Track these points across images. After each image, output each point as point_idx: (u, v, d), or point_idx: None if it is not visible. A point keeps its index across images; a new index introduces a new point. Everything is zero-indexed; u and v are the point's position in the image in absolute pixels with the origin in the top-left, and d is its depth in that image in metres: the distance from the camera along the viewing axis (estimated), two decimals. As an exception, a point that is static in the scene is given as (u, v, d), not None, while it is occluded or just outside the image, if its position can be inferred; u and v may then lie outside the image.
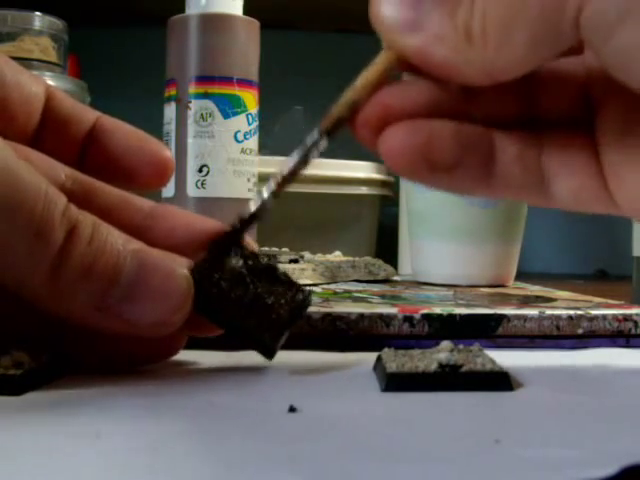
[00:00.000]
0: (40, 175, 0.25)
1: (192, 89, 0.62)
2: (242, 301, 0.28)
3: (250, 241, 0.31)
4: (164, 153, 0.32)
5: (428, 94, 0.27)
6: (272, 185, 0.29)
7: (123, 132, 0.32)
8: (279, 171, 0.29)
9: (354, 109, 0.27)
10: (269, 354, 0.29)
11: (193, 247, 0.29)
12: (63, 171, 0.30)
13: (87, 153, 0.32)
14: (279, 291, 0.29)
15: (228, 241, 0.29)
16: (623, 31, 0.22)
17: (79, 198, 0.29)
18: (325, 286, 0.50)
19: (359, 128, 0.28)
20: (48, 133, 0.31)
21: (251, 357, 0.32)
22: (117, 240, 0.26)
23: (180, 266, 0.27)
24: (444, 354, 0.28)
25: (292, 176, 0.28)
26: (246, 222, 0.29)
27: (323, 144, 0.28)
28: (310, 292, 0.30)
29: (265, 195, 0.29)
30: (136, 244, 0.27)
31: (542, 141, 0.27)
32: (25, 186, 0.24)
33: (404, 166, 0.27)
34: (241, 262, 0.29)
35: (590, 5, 0.22)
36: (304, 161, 0.28)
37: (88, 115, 0.32)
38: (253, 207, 0.29)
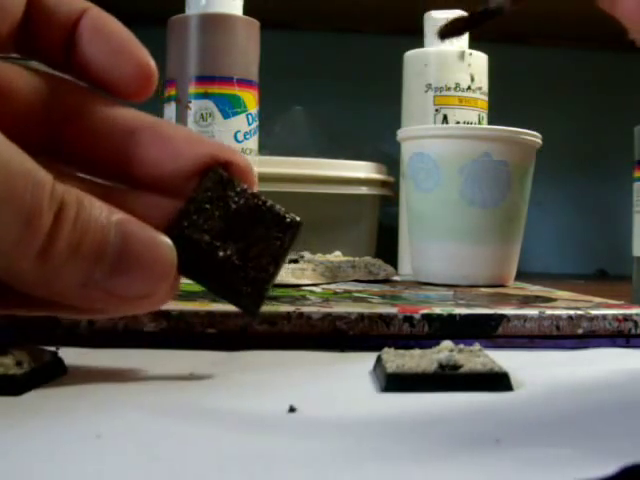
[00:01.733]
0: (24, 153, 0.24)
1: (192, 89, 0.62)
2: (221, 261, 0.28)
3: (248, 175, 0.29)
4: (147, 64, 0.30)
5: None
6: None
7: (109, 30, 0.30)
8: None
9: None
10: (252, 314, 0.28)
11: (181, 178, 0.28)
12: (48, 83, 0.29)
13: (72, 52, 0.30)
14: (262, 235, 0.28)
15: (465, 25, 0.28)
16: None
17: (70, 113, 0.28)
18: (325, 286, 0.50)
19: None
20: (33, 26, 0.29)
21: (251, 357, 0.32)
22: (100, 214, 0.25)
23: (162, 235, 0.27)
24: (444, 354, 0.28)
25: None
26: (479, 16, 0.28)
27: None
28: (299, 223, 0.29)
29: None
30: (119, 214, 0.26)
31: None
32: (11, 169, 0.24)
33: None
34: (222, 210, 0.28)
35: None
36: None
37: (74, 4, 0.29)
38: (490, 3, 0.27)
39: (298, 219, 0.29)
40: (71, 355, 0.30)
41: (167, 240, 0.27)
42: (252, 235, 0.28)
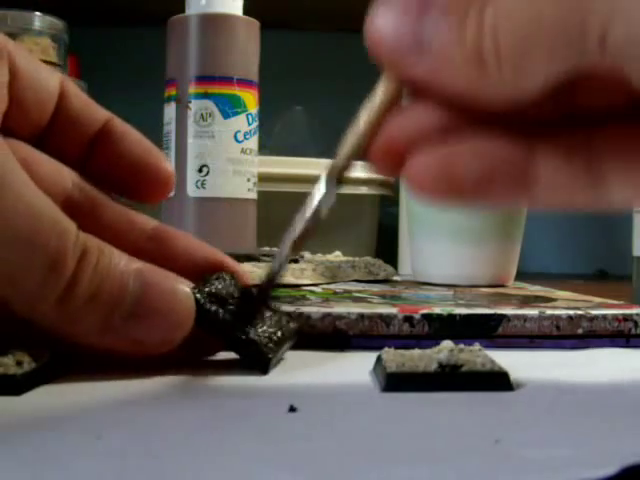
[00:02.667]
0: (51, 202, 0.26)
1: (192, 89, 0.62)
2: (240, 317, 0.29)
3: (245, 275, 0.32)
4: (167, 171, 0.32)
5: (441, 116, 0.24)
6: (288, 247, 0.27)
7: (130, 140, 0.32)
8: (292, 230, 0.26)
9: (361, 152, 0.25)
10: (264, 367, 0.29)
11: (193, 274, 0.30)
12: (71, 178, 0.30)
13: (93, 156, 0.32)
14: (272, 317, 0.31)
15: (253, 306, 0.30)
16: None
17: (86, 211, 0.30)
18: (325, 286, 0.50)
19: (372, 164, 0.25)
20: (57, 130, 0.31)
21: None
22: (120, 261, 0.27)
23: (182, 283, 0.28)
24: (444, 354, 0.28)
25: (306, 235, 0.26)
26: (266, 287, 0.29)
27: (333, 194, 0.26)
28: (299, 326, 0.32)
29: (282, 259, 0.27)
30: (138, 263, 0.27)
31: (590, 137, 0.24)
32: (40, 217, 0.25)
33: (432, 197, 0.24)
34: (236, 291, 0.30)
35: (615, 29, 0.20)
36: (316, 217, 0.26)
37: (98, 115, 0.32)
38: (271, 273, 0.28)
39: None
40: (71, 355, 0.30)
41: (186, 289, 0.28)
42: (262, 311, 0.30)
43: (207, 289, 0.29)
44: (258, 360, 0.29)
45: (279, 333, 0.30)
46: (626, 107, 0.24)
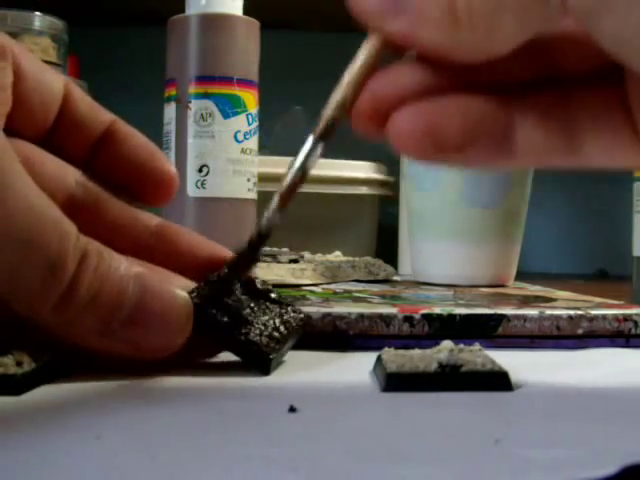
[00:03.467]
0: (52, 203, 0.26)
1: (192, 89, 0.62)
2: (240, 318, 0.29)
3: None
4: (171, 174, 0.32)
5: (424, 74, 0.25)
6: (276, 201, 0.28)
7: (134, 143, 0.32)
8: (281, 185, 0.28)
9: (346, 107, 0.26)
10: (265, 368, 0.29)
11: (195, 271, 0.30)
12: (74, 177, 0.30)
13: (97, 158, 0.32)
14: (275, 311, 0.31)
15: (240, 262, 0.29)
16: (607, 19, 0.21)
17: (89, 209, 0.30)
18: (325, 286, 0.50)
19: (356, 124, 0.26)
20: (62, 132, 0.31)
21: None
22: (120, 265, 0.27)
23: (180, 289, 0.28)
24: (444, 354, 0.28)
25: (294, 188, 0.28)
26: (256, 243, 0.28)
27: (320, 150, 0.27)
28: (305, 316, 0.32)
29: (270, 213, 0.28)
30: (138, 268, 0.27)
31: (566, 100, 0.25)
32: (41, 218, 0.25)
33: (416, 152, 0.25)
34: (238, 286, 0.30)
35: None
36: (303, 171, 0.28)
37: (103, 118, 0.32)
38: (260, 226, 0.28)
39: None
40: (71, 355, 0.30)
41: (184, 295, 0.28)
42: (264, 306, 0.30)
43: (205, 292, 0.29)
44: (259, 361, 0.29)
45: (282, 328, 0.30)
46: (599, 69, 0.25)
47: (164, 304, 0.27)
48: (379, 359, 0.29)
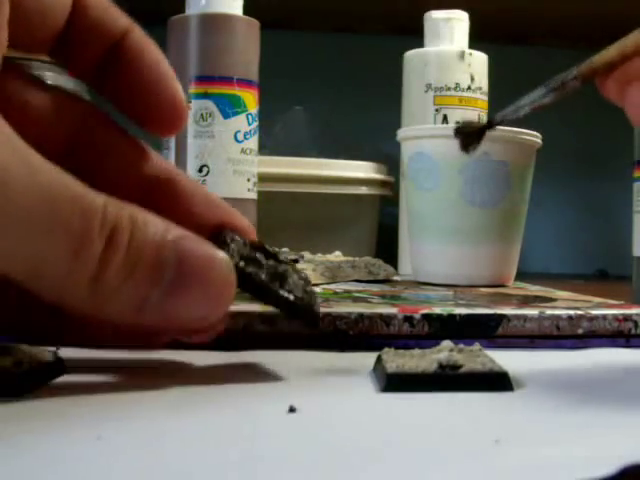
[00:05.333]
0: (67, 175, 0.23)
1: (192, 89, 0.62)
2: (278, 276, 0.29)
3: (251, 229, 0.31)
4: (182, 102, 0.29)
5: None
6: (517, 106, 0.31)
7: (146, 62, 0.28)
8: (525, 97, 0.31)
9: (611, 67, 0.30)
10: (315, 322, 0.29)
11: (204, 229, 0.28)
12: (75, 111, 0.28)
13: (105, 73, 0.29)
14: (292, 269, 0.30)
15: (477, 134, 0.32)
16: None
17: (96, 150, 0.28)
18: (325, 286, 0.50)
19: (609, 83, 0.30)
20: (71, 40, 0.28)
21: (251, 357, 0.32)
22: (155, 234, 0.24)
23: (220, 251, 0.25)
24: (444, 354, 0.28)
25: (534, 103, 0.31)
26: (486, 126, 0.32)
27: (574, 84, 0.31)
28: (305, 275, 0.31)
29: (504, 112, 0.32)
30: (174, 231, 0.25)
31: None
32: (56, 197, 0.22)
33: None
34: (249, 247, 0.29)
35: None
36: (552, 92, 0.31)
37: (118, 23, 0.28)
38: (493, 118, 0.32)
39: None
40: (71, 355, 0.30)
41: (225, 257, 0.25)
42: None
43: (238, 252, 0.28)
44: (309, 316, 0.29)
45: (308, 286, 0.30)
46: None
47: (205, 271, 0.25)
48: (379, 359, 0.29)
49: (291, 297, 0.28)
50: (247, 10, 0.64)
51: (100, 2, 0.28)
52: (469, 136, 0.33)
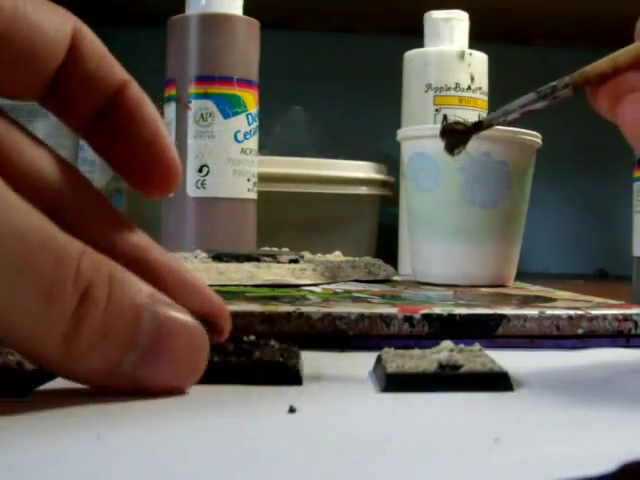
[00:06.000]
0: (44, 218, 0.21)
1: (192, 89, 0.62)
2: (244, 351, 0.28)
3: (227, 317, 0.28)
4: (176, 164, 0.27)
5: None
6: (506, 111, 0.31)
7: (142, 118, 0.27)
8: (515, 102, 0.31)
9: (603, 78, 0.30)
10: (297, 379, 0.28)
11: None
12: (57, 167, 0.25)
13: (98, 127, 0.27)
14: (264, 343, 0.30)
15: (463, 137, 0.32)
16: None
17: (77, 212, 0.25)
18: (325, 286, 0.50)
19: (600, 95, 0.29)
20: (62, 90, 0.26)
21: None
22: (135, 295, 0.23)
23: (193, 319, 0.24)
24: (444, 354, 0.28)
25: (523, 109, 0.31)
26: (472, 129, 0.32)
27: (565, 93, 0.30)
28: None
29: (491, 115, 0.32)
30: (150, 292, 0.24)
31: None
32: (29, 240, 0.21)
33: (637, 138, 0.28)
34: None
35: None
36: (543, 98, 0.31)
37: (114, 76, 0.26)
38: (482, 120, 0.32)
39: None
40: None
41: (199, 325, 0.25)
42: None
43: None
44: (288, 376, 0.28)
45: (281, 345, 0.30)
46: None
47: (182, 341, 0.24)
48: (379, 359, 0.29)
49: (259, 361, 0.28)
50: (247, 10, 0.64)
51: (97, 51, 0.26)
52: (454, 137, 0.33)
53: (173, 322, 0.24)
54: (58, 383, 0.27)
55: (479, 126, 0.32)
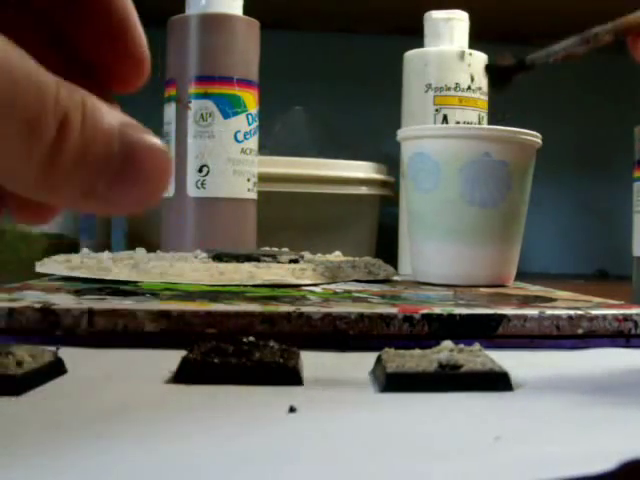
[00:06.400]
0: (24, 53, 0.21)
1: (192, 89, 0.62)
2: (244, 352, 0.29)
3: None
4: (144, 53, 0.27)
5: None
6: (549, 52, 0.33)
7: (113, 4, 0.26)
8: (558, 44, 0.32)
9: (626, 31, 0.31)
10: (298, 380, 0.28)
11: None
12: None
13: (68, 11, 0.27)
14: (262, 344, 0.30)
15: (510, 72, 0.33)
16: None
17: None
18: (325, 286, 0.50)
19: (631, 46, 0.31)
20: None
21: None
22: (104, 121, 0.23)
23: (159, 141, 0.25)
24: (444, 354, 0.28)
25: (565, 51, 0.32)
26: (516, 67, 0.34)
27: (606, 39, 0.31)
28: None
29: (535, 55, 0.33)
30: (120, 117, 0.24)
31: None
32: (14, 74, 0.21)
33: None
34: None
35: None
36: (584, 43, 0.32)
37: None
38: (526, 58, 0.34)
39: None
40: (71, 355, 0.30)
41: (164, 147, 0.25)
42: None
43: (206, 349, 0.29)
44: (289, 377, 0.28)
45: (281, 345, 0.30)
46: None
47: (149, 160, 0.24)
48: (379, 359, 0.29)
49: (260, 362, 0.28)
50: (247, 10, 0.64)
51: None
52: (498, 73, 0.33)
53: (140, 144, 0.24)
54: (58, 383, 0.27)
55: (522, 64, 0.33)
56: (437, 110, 0.69)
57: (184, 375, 0.27)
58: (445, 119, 0.69)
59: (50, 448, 0.20)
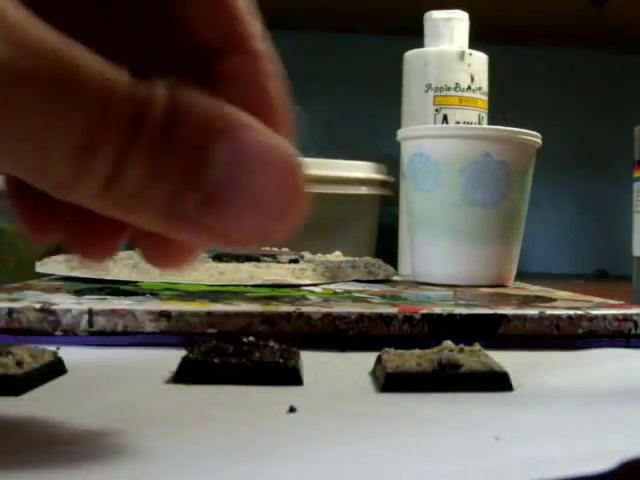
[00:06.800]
0: (91, 53, 0.17)
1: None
2: (244, 352, 0.29)
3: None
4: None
5: None
6: None
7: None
8: None
9: None
10: (297, 379, 0.28)
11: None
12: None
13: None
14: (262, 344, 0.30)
15: None
16: None
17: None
18: (325, 286, 0.50)
19: None
20: None
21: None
22: (201, 113, 0.17)
23: (285, 139, 0.19)
24: (444, 354, 0.28)
25: None
26: None
27: None
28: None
29: None
30: (227, 109, 0.18)
31: None
32: (70, 68, 0.16)
33: None
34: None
35: None
36: None
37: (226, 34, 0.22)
38: None
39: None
40: (71, 355, 0.30)
41: (292, 151, 0.19)
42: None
43: (206, 348, 0.29)
44: (288, 376, 0.28)
45: (281, 345, 0.30)
46: None
47: (268, 174, 0.18)
48: (379, 359, 0.29)
49: (259, 363, 0.28)
50: (247, 10, 0.64)
51: None
52: None
53: (260, 149, 0.18)
54: (58, 383, 0.27)
55: None
56: (437, 110, 0.69)
57: (184, 375, 0.27)
58: (445, 119, 0.69)
59: (50, 448, 0.20)
